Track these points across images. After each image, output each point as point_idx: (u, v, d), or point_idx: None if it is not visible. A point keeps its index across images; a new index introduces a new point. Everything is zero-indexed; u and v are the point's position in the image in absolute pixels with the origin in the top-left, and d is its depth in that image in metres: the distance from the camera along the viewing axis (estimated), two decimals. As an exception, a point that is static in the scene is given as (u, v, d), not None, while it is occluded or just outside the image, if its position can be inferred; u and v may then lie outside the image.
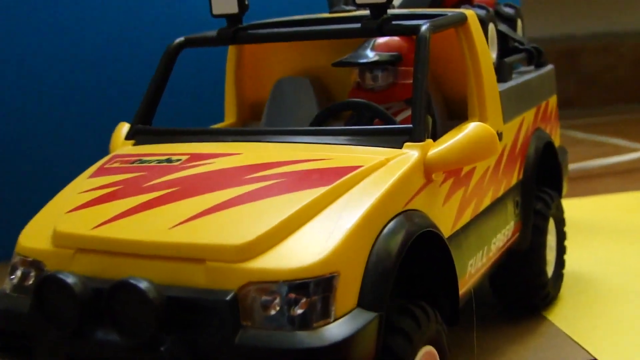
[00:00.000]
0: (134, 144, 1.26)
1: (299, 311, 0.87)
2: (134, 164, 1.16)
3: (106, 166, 1.19)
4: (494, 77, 1.32)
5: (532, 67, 1.69)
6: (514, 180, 1.41)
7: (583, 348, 1.35)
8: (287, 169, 1.04)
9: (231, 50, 1.50)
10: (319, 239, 0.91)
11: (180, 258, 0.93)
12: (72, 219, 1.05)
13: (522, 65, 1.73)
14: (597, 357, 1.32)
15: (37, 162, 2.02)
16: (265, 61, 1.52)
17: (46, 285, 0.95)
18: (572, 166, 2.68)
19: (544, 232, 1.48)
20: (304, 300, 0.87)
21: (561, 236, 1.60)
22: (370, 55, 1.29)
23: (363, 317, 0.89)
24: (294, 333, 0.86)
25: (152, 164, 1.14)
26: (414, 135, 1.08)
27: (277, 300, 0.87)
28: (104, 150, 1.30)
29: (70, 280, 0.93)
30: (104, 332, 0.92)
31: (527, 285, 1.48)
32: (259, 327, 0.88)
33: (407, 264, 1.09)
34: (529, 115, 1.50)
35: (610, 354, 1.33)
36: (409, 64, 1.26)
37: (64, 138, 2.03)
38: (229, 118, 1.53)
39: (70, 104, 2.03)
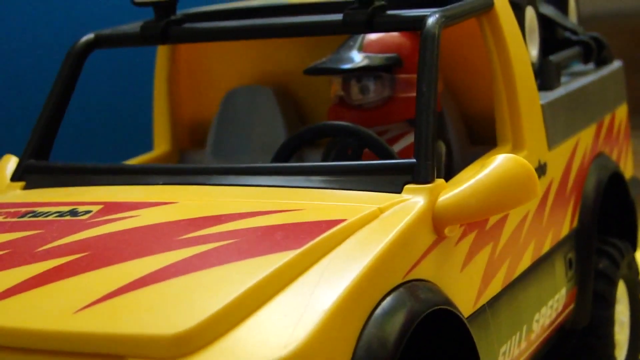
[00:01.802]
0: (24, 187, 1.27)
1: None
2: (24, 218, 1.16)
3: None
4: (533, 84, 1.34)
5: (591, 66, 1.70)
6: (565, 230, 1.42)
7: None
8: (240, 224, 1.04)
9: (161, 50, 1.51)
10: (285, 326, 0.91)
11: (90, 354, 0.93)
12: None
13: (578, 63, 1.74)
14: None
15: None
16: (210, 65, 1.53)
17: None
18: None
19: (610, 302, 1.49)
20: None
21: (637, 306, 1.61)
22: (358, 58, 1.30)
23: None
24: None
25: (49, 217, 1.14)
26: (418, 174, 1.09)
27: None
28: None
29: None
30: None
31: (589, 378, 1.49)
32: None
33: (413, 354, 1.11)
34: (586, 136, 1.51)
35: None
36: (411, 69, 1.27)
37: None
38: (160, 145, 1.54)
39: None
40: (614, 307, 1.50)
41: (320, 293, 0.95)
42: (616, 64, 1.71)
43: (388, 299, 0.99)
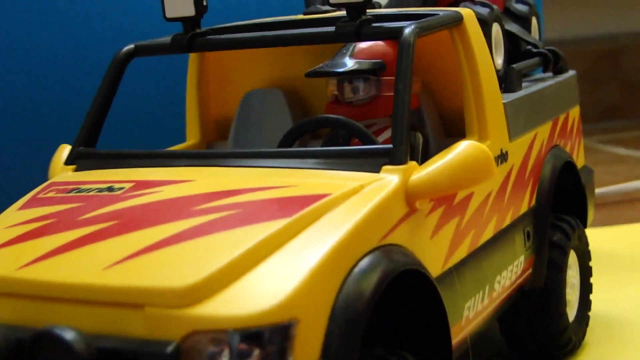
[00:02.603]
0: (75, 170, 1.28)
1: (250, 367, 0.87)
2: (71, 194, 1.17)
3: (39, 196, 1.20)
4: (496, 86, 1.33)
5: (550, 74, 1.69)
6: (524, 208, 1.41)
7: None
8: (244, 198, 1.04)
9: (192, 59, 1.52)
10: (276, 281, 0.90)
11: (115, 303, 0.93)
12: (-7, 257, 1.06)
13: (540, 71, 1.73)
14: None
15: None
16: (231, 71, 1.54)
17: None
18: (611, 188, 2.70)
19: (562, 268, 1.47)
20: (257, 351, 0.86)
21: (586, 272, 1.60)
22: (349, 63, 1.30)
23: None
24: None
25: (91, 193, 1.15)
26: (393, 157, 1.08)
27: (226, 352, 0.86)
28: (43, 177, 1.32)
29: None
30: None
31: (543, 331, 1.47)
32: None
33: (388, 308, 1.10)
34: (543, 131, 1.50)
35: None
36: (393, 73, 1.25)
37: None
38: (191, 138, 1.54)
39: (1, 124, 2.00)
40: (566, 272, 1.49)
41: (306, 254, 0.95)
42: (570, 73, 1.71)
43: (365, 260, 0.98)
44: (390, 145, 1.09)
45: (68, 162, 1.30)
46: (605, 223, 2.38)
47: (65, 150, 1.33)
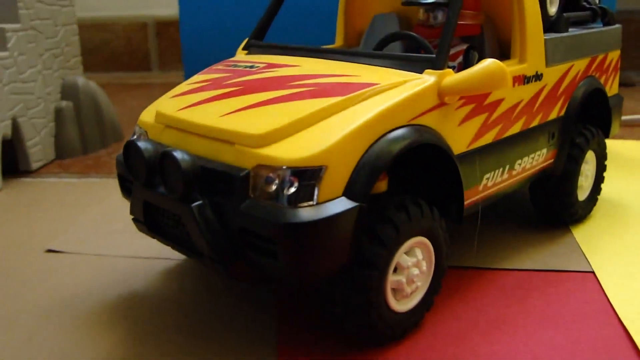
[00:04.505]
0: (246, 54, 1.22)
1: (290, 192, 0.81)
2: (230, 67, 1.12)
3: (214, 67, 1.16)
4: (539, 23, 1.15)
5: (601, 25, 1.46)
6: (553, 115, 1.23)
7: (587, 260, 1.20)
8: (321, 80, 0.96)
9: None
10: (319, 138, 0.84)
11: (219, 139, 0.89)
12: (169, 103, 1.04)
13: (600, 23, 1.49)
14: (595, 270, 1.16)
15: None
16: (370, -1, 1.41)
17: (128, 148, 0.95)
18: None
19: (578, 162, 1.30)
20: (295, 184, 0.81)
21: (601, 168, 1.40)
22: None
23: (342, 205, 0.82)
24: (282, 209, 0.81)
25: (239, 67, 1.10)
26: (435, 64, 0.96)
27: (277, 181, 0.82)
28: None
29: (142, 145, 0.92)
30: (160, 186, 0.92)
31: (558, 203, 1.32)
32: (259, 200, 0.83)
33: (415, 170, 1.00)
34: (580, 63, 1.30)
35: (607, 269, 1.16)
36: (464, 7, 1.12)
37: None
38: (338, 42, 1.44)
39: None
40: (581, 165, 1.31)
41: (347, 122, 0.86)
42: (616, 26, 1.45)
43: (397, 130, 0.89)
44: (434, 55, 0.96)
45: (244, 48, 1.24)
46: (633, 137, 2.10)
47: (245, 41, 1.27)
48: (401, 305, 0.93)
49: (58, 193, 1.67)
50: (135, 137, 1.05)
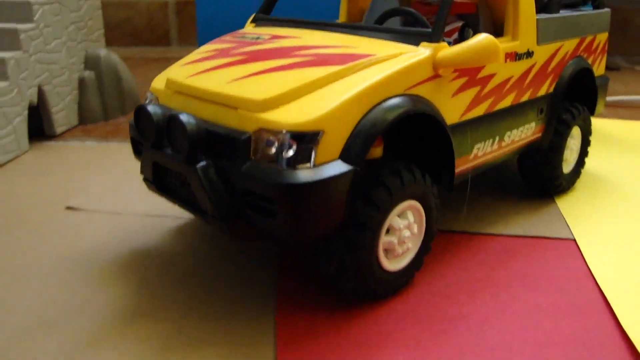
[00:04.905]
0: (254, 26, 1.18)
1: (289, 154, 0.77)
2: (238, 38, 1.08)
3: (223, 37, 1.12)
4: (532, 3, 1.10)
5: (590, 8, 1.40)
6: (542, 92, 1.19)
7: (569, 228, 1.16)
8: (321, 50, 0.92)
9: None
10: (317, 105, 0.80)
11: (224, 104, 0.86)
12: (179, 70, 1.00)
13: (589, 7, 1.43)
14: (576, 238, 1.12)
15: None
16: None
17: (139, 112, 0.91)
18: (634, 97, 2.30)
19: (564, 136, 1.25)
20: (294, 147, 0.77)
21: (585, 143, 1.36)
22: None
23: (338, 168, 0.78)
24: (281, 171, 0.77)
25: (246, 39, 1.05)
26: (431, 37, 0.91)
27: (276, 144, 0.78)
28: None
29: (151, 109, 0.88)
30: (168, 148, 0.88)
31: (543, 175, 1.28)
32: (260, 162, 0.79)
33: (409, 139, 0.96)
34: (569, 43, 1.24)
35: (587, 237, 1.13)
36: None
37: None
38: (341, 19, 1.39)
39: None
40: (566, 140, 1.27)
41: (344, 90, 0.82)
42: (606, 10, 1.39)
43: (392, 99, 0.85)
44: (430, 30, 0.92)
45: (252, 21, 1.20)
46: (624, 118, 2.04)
47: (253, 15, 1.23)
48: (393, 265, 0.90)
49: (79, 156, 1.64)
50: (147, 102, 1.02)
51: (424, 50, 0.90)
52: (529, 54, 1.11)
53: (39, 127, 1.81)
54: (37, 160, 1.61)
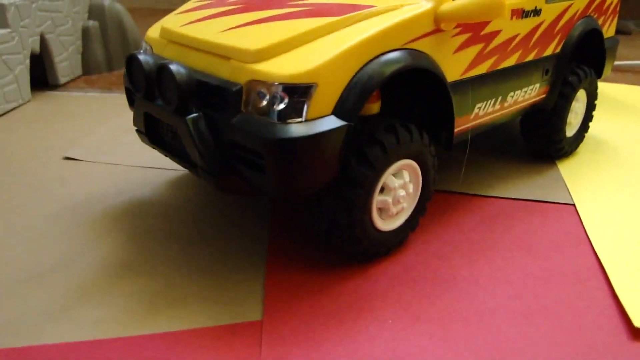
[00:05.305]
0: None
1: (280, 107, 0.73)
2: None
3: (221, -12, 1.06)
4: None
5: None
6: (548, 52, 1.13)
7: (569, 193, 1.12)
8: (319, 0, 0.86)
9: None
10: (311, 56, 0.75)
11: (216, 54, 0.81)
12: (174, 19, 0.95)
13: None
14: (576, 203, 1.08)
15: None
16: None
17: (130, 61, 0.87)
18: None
19: (569, 99, 1.20)
20: (286, 100, 0.73)
21: (590, 107, 1.30)
22: None
23: (330, 123, 0.74)
24: (272, 124, 0.73)
25: (246, -12, 1.00)
26: None
27: (268, 97, 0.74)
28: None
29: (142, 58, 0.84)
30: (159, 98, 0.84)
31: (546, 137, 1.23)
32: (251, 114, 0.75)
33: (411, 96, 0.91)
34: (579, 3, 1.18)
35: (587, 202, 1.09)
36: None
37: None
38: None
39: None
40: (571, 103, 1.21)
41: (340, 41, 0.77)
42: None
43: (391, 53, 0.79)
44: None
45: None
46: (633, 83, 1.97)
47: None
48: (386, 224, 0.87)
49: (81, 106, 1.60)
50: (141, 51, 0.97)
51: (425, 3, 0.84)
52: (537, 12, 1.05)
53: (43, 77, 1.77)
54: (39, 109, 1.58)
